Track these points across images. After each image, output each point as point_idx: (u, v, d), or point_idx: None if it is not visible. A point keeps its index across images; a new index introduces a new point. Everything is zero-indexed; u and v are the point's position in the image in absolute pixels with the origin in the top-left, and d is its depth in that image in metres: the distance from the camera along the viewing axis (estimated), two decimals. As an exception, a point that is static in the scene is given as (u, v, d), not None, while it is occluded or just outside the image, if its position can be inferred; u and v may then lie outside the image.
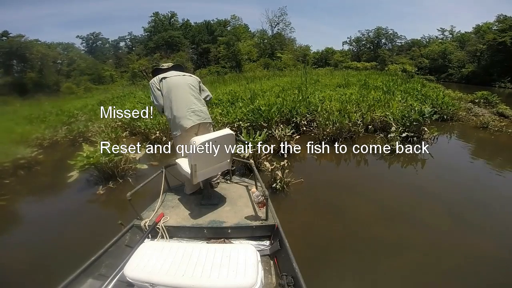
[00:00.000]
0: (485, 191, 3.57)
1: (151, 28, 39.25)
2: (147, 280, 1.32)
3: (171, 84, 2.46)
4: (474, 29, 30.44)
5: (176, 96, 2.43)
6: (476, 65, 27.02)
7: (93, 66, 33.69)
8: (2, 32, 30.29)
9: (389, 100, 7.31)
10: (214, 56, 35.05)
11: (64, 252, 2.54)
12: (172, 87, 2.45)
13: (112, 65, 36.19)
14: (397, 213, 3.06)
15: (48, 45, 32.90)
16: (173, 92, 2.44)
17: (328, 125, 5.37)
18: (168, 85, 2.46)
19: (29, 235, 3.07)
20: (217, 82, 15.62)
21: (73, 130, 7.00)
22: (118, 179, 4.12)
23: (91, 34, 39.73)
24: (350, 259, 2.37)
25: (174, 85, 2.47)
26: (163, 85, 2.46)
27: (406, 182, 3.95)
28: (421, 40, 38.93)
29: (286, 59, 32.39)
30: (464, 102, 9.35)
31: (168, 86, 2.45)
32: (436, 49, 32.01)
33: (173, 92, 2.44)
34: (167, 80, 2.47)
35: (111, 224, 2.67)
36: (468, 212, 3.05)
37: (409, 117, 5.43)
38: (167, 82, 2.47)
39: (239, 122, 5.64)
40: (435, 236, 2.63)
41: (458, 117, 7.47)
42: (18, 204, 3.92)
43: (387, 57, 35.79)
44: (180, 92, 2.46)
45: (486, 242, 2.53)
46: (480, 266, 2.26)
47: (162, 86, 2.46)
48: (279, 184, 3.41)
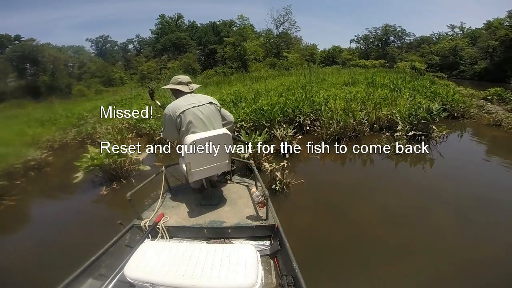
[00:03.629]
0: (497, 193, 3.38)
1: (158, 30, 39.79)
2: (147, 280, 1.33)
3: (194, 117, 2.08)
4: (485, 25, 29.57)
5: (199, 124, 2.09)
6: (489, 61, 26.21)
7: (103, 68, 34.46)
8: (14, 36, 31.46)
9: (396, 98, 7.16)
10: (220, 57, 35.26)
11: (65, 251, 2.60)
12: (194, 120, 2.07)
13: (121, 67, 36.92)
14: (401, 215, 2.97)
15: (59, 49, 33.99)
16: (196, 122, 2.08)
17: (332, 124, 5.29)
18: (189, 118, 2.06)
19: (34, 233, 3.17)
20: (223, 82, 15.68)
21: (82, 132, 7.17)
22: (122, 180, 4.19)
23: (101, 37, 40.72)
24: (347, 262, 2.33)
25: (197, 117, 2.08)
26: (182, 120, 2.06)
27: (412, 183, 3.84)
28: (431, 37, 38.06)
29: (293, 58, 32.20)
30: (476, 99, 9.04)
31: (188, 120, 2.06)
32: (447, 46, 31.20)
33: (195, 122, 2.08)
34: (186, 115, 2.07)
35: (112, 224, 2.71)
36: (477, 215, 2.93)
37: (417, 115, 5.28)
38: (186, 117, 2.07)
39: (242, 122, 5.63)
40: (439, 240, 2.55)
41: (470, 114, 7.22)
42: (26, 204, 4.04)
43: (396, 55, 35.12)
44: (204, 120, 2.11)
45: (494, 246, 2.43)
46: (485, 271, 2.17)
47: (181, 121, 2.07)
48: (279, 185, 3.38)
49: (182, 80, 2.24)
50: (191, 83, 2.29)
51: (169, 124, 2.15)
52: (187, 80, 2.26)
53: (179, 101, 2.15)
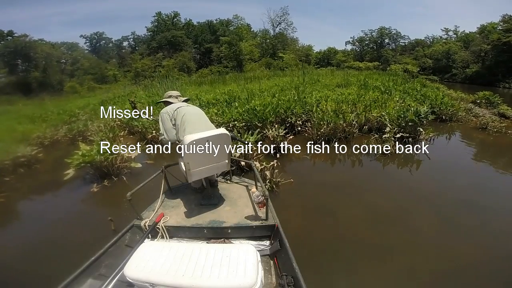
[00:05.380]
0: (480, 194, 3.50)
1: (154, 28, 39.39)
2: (147, 280, 1.33)
3: (187, 112, 2.37)
4: (478, 29, 30.07)
5: (192, 120, 2.33)
6: (481, 65, 26.68)
7: (96, 65, 33.94)
8: (7, 32, 30.73)
9: (386, 100, 7.29)
10: (216, 56, 35.11)
11: (53, 248, 2.62)
12: (187, 114, 2.34)
13: (115, 65, 36.41)
14: (386, 215, 3.04)
15: (52, 45, 33.26)
16: (189, 117, 2.33)
17: (322, 125, 5.39)
18: (183, 112, 2.35)
19: (22, 230, 3.17)
20: (217, 81, 15.65)
21: (73, 129, 7.11)
22: (113, 178, 4.19)
23: (95, 34, 40.02)
24: (330, 262, 2.37)
25: (190, 112, 2.38)
26: (178, 114, 2.34)
27: (398, 183, 3.94)
28: (425, 40, 38.56)
29: (288, 59, 32.27)
30: (465, 103, 9.24)
31: (183, 114, 2.33)
32: (440, 49, 31.66)
33: (189, 118, 2.33)
34: (181, 110, 2.37)
35: (102, 221, 2.74)
36: (460, 216, 3.02)
37: (405, 118, 5.42)
38: (180, 111, 2.36)
39: (235, 122, 5.67)
40: (423, 240, 2.62)
41: (458, 117, 7.40)
42: (15, 201, 4.01)
43: (390, 57, 35.53)
44: (196, 117, 2.38)
45: (475, 247, 2.51)
46: (465, 271, 2.25)
47: (177, 115, 2.34)
48: (268, 184, 3.44)
49: (172, 94, 2.70)
50: (180, 96, 2.73)
51: (166, 122, 2.41)
52: (177, 94, 2.73)
53: (171, 104, 2.54)
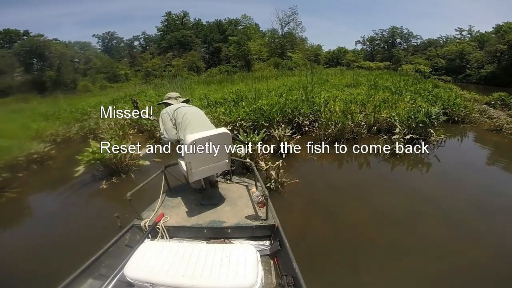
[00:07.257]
0: (491, 199, 3.35)
1: (164, 27, 39.95)
2: (147, 280, 1.34)
3: (187, 111, 2.40)
4: (494, 29, 29.11)
5: (192, 120, 2.37)
6: (496, 65, 25.76)
7: (108, 64, 34.73)
8: (23, 32, 31.87)
9: (396, 100, 7.15)
10: (225, 55, 35.30)
11: (63, 243, 2.69)
12: (187, 114, 2.38)
13: (126, 64, 37.15)
14: (392, 219, 2.97)
15: (65, 44, 34.31)
16: (189, 117, 2.37)
17: (330, 125, 5.32)
18: (183, 112, 2.39)
19: (33, 225, 3.28)
20: (226, 81, 15.71)
21: (85, 127, 7.28)
22: (122, 175, 4.27)
23: (107, 33, 41.01)
24: (336, 262, 2.34)
25: (190, 112, 2.41)
26: (178, 114, 2.38)
27: (406, 186, 3.84)
28: (438, 40, 37.70)
29: (297, 58, 32.10)
30: (479, 104, 8.95)
31: (183, 114, 2.37)
32: (453, 49, 30.81)
33: (189, 118, 2.37)
34: (181, 110, 2.41)
35: (110, 217, 2.79)
36: (469, 220, 2.92)
37: (415, 119, 5.28)
38: (181, 111, 2.40)
39: (241, 122, 5.68)
40: (430, 243, 2.55)
41: (471, 119, 7.17)
42: (27, 197, 4.14)
43: (401, 57, 34.85)
44: (196, 117, 2.43)
45: (483, 252, 2.43)
46: (472, 275, 2.19)
47: (177, 115, 2.38)
48: (273, 184, 3.43)
49: (172, 95, 2.79)
50: (179, 97, 2.80)
51: (166, 121, 2.43)
52: (176, 95, 2.81)
53: (171, 105, 2.59)
